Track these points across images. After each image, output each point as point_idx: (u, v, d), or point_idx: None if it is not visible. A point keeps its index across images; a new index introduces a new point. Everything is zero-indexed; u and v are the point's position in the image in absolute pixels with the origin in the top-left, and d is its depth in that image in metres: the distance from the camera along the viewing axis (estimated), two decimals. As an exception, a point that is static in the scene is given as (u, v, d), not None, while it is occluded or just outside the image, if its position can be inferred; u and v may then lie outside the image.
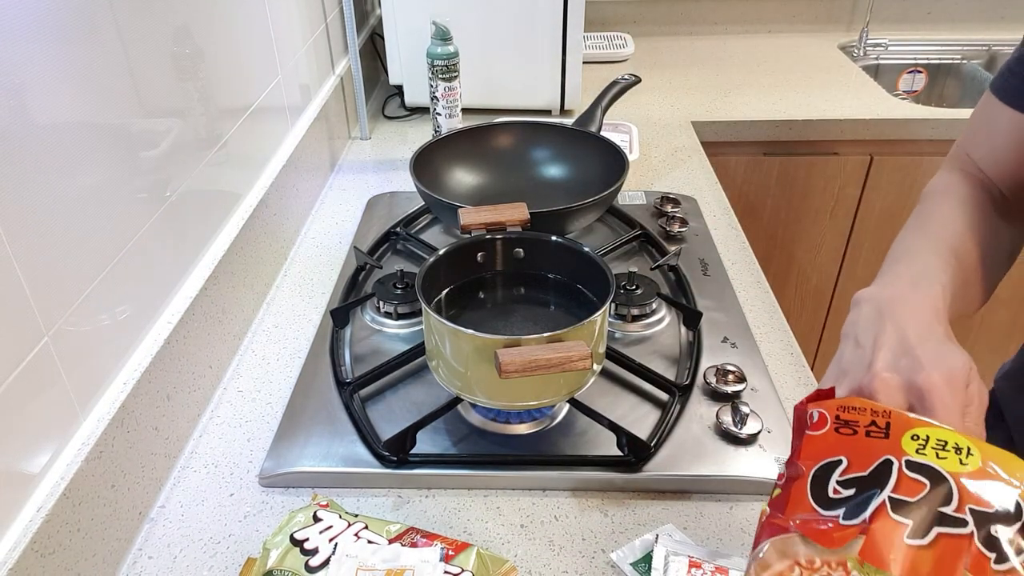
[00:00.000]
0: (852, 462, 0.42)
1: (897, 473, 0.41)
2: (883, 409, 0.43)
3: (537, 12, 1.35)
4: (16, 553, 0.52)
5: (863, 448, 0.42)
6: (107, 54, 0.65)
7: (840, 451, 0.43)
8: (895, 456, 0.41)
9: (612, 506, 0.69)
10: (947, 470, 0.40)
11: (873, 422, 0.43)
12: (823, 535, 0.40)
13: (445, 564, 0.56)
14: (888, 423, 0.43)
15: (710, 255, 1.03)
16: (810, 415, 0.46)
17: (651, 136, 1.41)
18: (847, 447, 0.43)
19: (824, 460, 0.43)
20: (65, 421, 0.60)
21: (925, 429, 0.42)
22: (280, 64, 1.06)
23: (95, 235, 0.64)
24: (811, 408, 0.46)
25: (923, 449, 0.41)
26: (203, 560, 0.65)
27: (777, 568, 0.40)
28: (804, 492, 0.42)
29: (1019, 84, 0.61)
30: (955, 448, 0.41)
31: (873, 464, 0.41)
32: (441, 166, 1.10)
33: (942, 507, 0.39)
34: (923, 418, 0.43)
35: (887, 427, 0.43)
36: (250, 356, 0.88)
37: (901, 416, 0.43)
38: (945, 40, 1.90)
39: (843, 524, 0.40)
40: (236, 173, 0.93)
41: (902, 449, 0.41)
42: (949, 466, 0.40)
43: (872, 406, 0.44)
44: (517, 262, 0.83)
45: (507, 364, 0.61)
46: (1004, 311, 1.72)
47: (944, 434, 0.42)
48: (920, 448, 0.41)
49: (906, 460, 0.41)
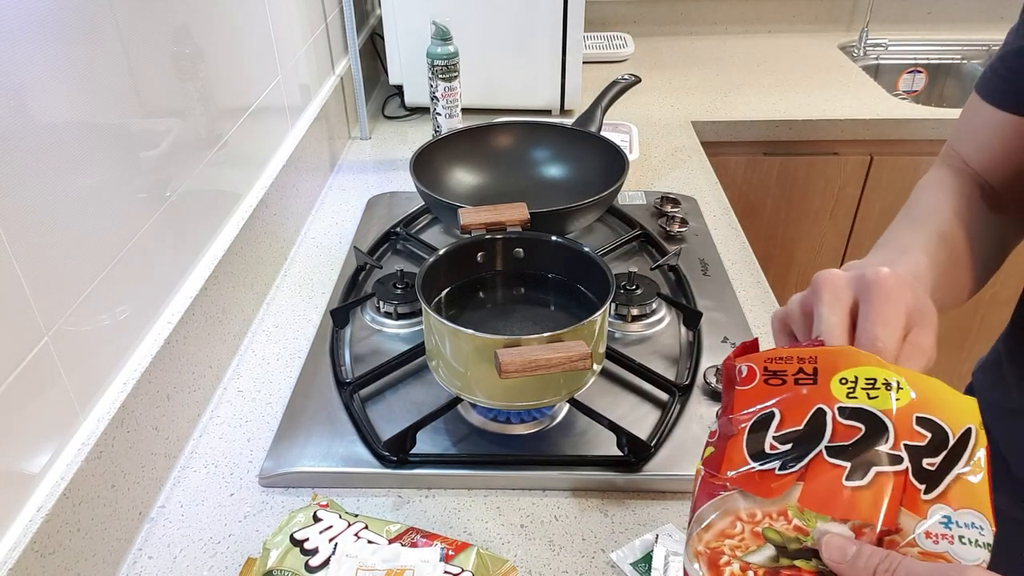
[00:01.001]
0: (785, 415, 0.42)
1: (832, 423, 0.40)
2: (809, 354, 0.43)
3: (537, 12, 1.35)
4: (16, 553, 0.52)
5: (794, 398, 0.42)
6: (107, 54, 0.65)
7: (772, 403, 0.43)
8: (827, 404, 0.41)
9: (612, 506, 0.69)
10: (880, 409, 0.40)
11: (800, 369, 0.43)
12: (761, 486, 0.40)
13: (445, 564, 0.56)
14: (815, 368, 0.42)
15: (710, 255, 1.03)
16: (738, 370, 0.45)
17: (651, 136, 1.41)
18: (778, 398, 0.43)
19: (757, 415, 0.43)
20: (65, 421, 0.60)
21: (852, 370, 0.41)
22: (280, 64, 1.06)
23: (95, 235, 0.64)
24: (739, 363, 0.45)
25: (853, 392, 0.41)
26: (203, 560, 0.65)
27: (719, 527, 0.40)
28: (740, 448, 0.42)
29: (1000, 83, 0.62)
30: (885, 385, 0.41)
31: (806, 416, 0.41)
32: (441, 166, 1.10)
33: (879, 447, 0.39)
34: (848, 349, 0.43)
35: (814, 372, 0.42)
36: (250, 356, 0.88)
37: (827, 358, 0.42)
38: (945, 40, 1.90)
39: (780, 473, 0.40)
40: (236, 173, 0.93)
41: (832, 395, 0.41)
42: (881, 404, 0.40)
43: (798, 353, 0.43)
44: (517, 262, 0.83)
45: (507, 364, 0.61)
46: (1005, 309, 1.72)
47: (871, 371, 0.41)
48: (850, 392, 0.41)
49: (838, 407, 0.41)
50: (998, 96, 0.62)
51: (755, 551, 0.39)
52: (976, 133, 0.65)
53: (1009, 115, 0.61)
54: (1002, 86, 0.62)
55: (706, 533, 0.40)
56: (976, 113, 0.64)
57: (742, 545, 0.39)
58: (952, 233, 0.59)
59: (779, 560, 0.38)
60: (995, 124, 0.62)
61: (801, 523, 0.38)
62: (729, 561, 0.39)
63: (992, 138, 0.63)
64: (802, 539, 0.38)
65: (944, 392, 0.41)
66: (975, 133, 0.65)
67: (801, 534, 0.38)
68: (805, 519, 0.38)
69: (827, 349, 0.43)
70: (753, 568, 0.38)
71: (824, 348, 0.44)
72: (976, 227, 0.61)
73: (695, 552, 0.40)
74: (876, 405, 0.40)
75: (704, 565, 0.39)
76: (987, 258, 0.63)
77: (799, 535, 0.38)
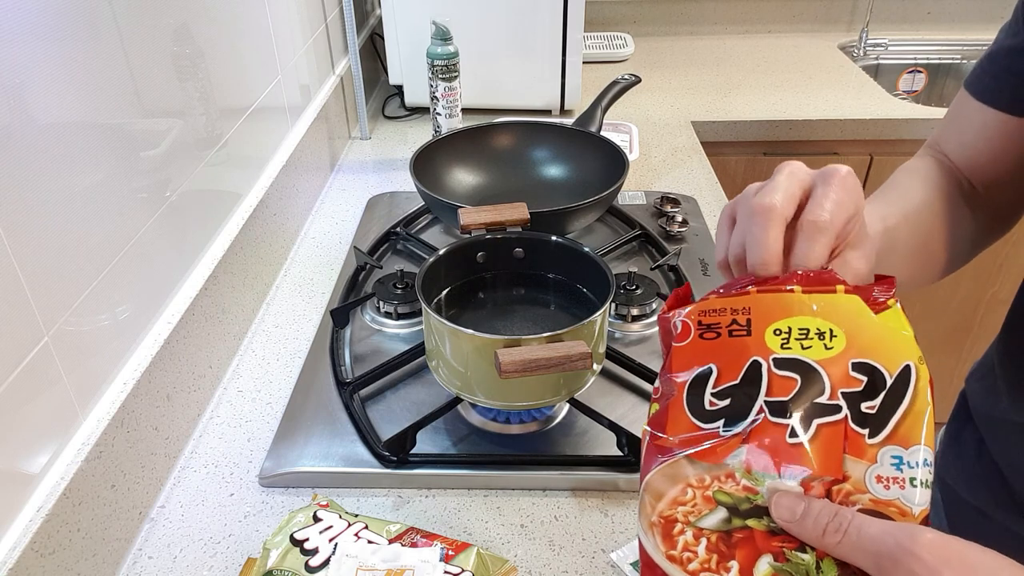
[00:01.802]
0: (722, 369, 0.42)
1: (767, 375, 0.40)
2: (742, 306, 0.43)
3: (537, 12, 1.35)
4: (16, 553, 0.52)
5: (730, 350, 0.42)
6: (107, 54, 0.65)
7: (708, 358, 0.42)
8: (762, 356, 0.41)
9: (612, 506, 0.69)
10: (814, 359, 0.40)
11: (734, 320, 0.42)
12: (707, 453, 0.40)
13: (445, 564, 0.56)
14: (748, 320, 0.42)
15: (710, 255, 1.03)
16: (673, 325, 0.45)
17: (651, 136, 1.41)
18: (714, 353, 0.42)
19: (695, 371, 0.43)
20: (65, 421, 0.60)
21: (785, 320, 0.41)
22: (280, 64, 1.06)
23: (95, 235, 0.64)
24: (674, 317, 0.45)
25: (787, 343, 0.41)
26: (203, 560, 0.65)
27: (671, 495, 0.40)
28: (681, 408, 0.42)
29: (989, 80, 0.62)
30: (818, 334, 0.41)
31: (742, 369, 0.41)
32: (441, 166, 1.10)
33: (817, 399, 0.39)
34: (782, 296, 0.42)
35: (748, 324, 0.42)
36: (250, 356, 0.88)
37: (760, 308, 0.42)
38: (945, 40, 1.90)
39: (724, 436, 0.40)
40: (236, 173, 0.93)
41: (767, 347, 0.41)
42: (815, 354, 0.40)
43: (731, 304, 0.43)
44: (517, 262, 0.83)
45: (507, 364, 0.61)
46: (1005, 310, 1.72)
47: (804, 321, 0.41)
48: (784, 343, 0.41)
49: (773, 359, 0.41)
50: (988, 94, 0.61)
51: (707, 515, 0.39)
52: (962, 130, 0.64)
53: (997, 113, 0.61)
54: (992, 84, 0.61)
55: (659, 502, 0.40)
56: (962, 110, 0.64)
57: (694, 511, 0.39)
58: (917, 217, 0.59)
59: (731, 522, 0.38)
60: (982, 121, 0.62)
61: (750, 483, 0.39)
62: (683, 529, 0.39)
63: (978, 135, 0.63)
64: (752, 498, 0.38)
65: (880, 331, 0.41)
66: (961, 130, 0.64)
67: (751, 493, 0.38)
68: (753, 479, 0.39)
69: (760, 298, 0.43)
70: (706, 534, 0.38)
71: (757, 296, 0.43)
72: (944, 219, 0.61)
73: (649, 524, 0.40)
74: (810, 355, 0.40)
75: (659, 536, 0.39)
76: (951, 252, 0.62)
77: (749, 495, 0.38)
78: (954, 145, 0.65)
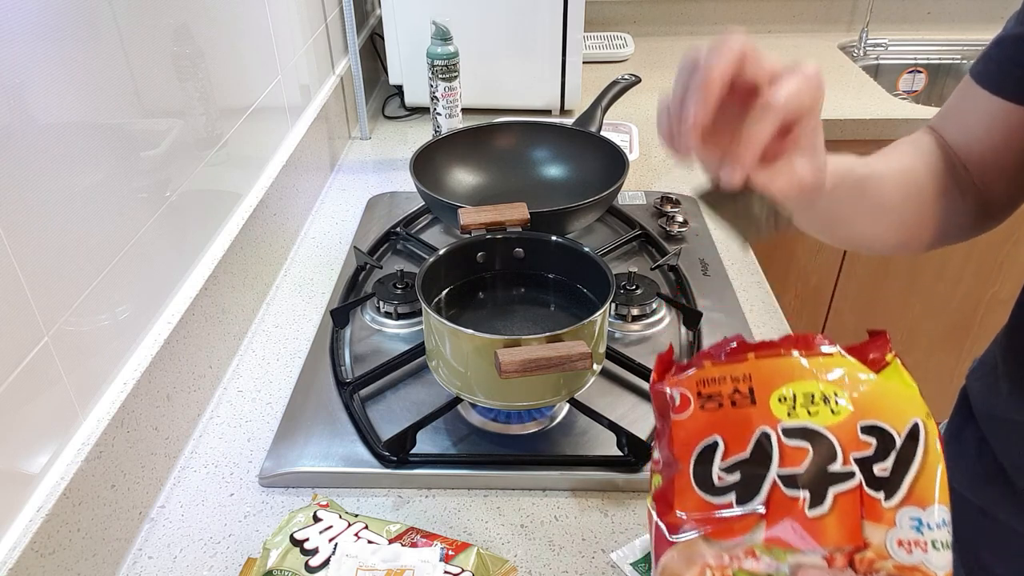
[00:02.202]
0: (728, 441, 0.41)
1: (777, 445, 0.39)
2: (742, 373, 0.42)
3: (537, 12, 1.35)
4: (16, 553, 0.52)
5: (734, 421, 0.41)
6: (107, 54, 0.65)
7: (712, 429, 0.41)
8: (769, 426, 0.40)
9: (612, 506, 0.69)
10: (823, 425, 0.39)
11: (736, 389, 0.41)
12: (723, 531, 0.39)
13: (445, 564, 0.56)
14: (751, 388, 0.41)
15: (710, 255, 1.03)
16: (670, 397, 0.43)
17: (651, 136, 1.41)
18: (718, 424, 0.41)
19: (699, 445, 0.41)
20: (65, 421, 0.60)
21: (789, 386, 0.40)
22: (280, 64, 1.06)
23: (95, 235, 0.64)
24: (669, 389, 0.44)
25: (794, 410, 0.40)
26: (203, 560, 0.65)
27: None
28: (689, 483, 0.41)
29: (995, 68, 0.61)
30: (823, 399, 0.40)
31: (751, 441, 0.40)
32: (441, 166, 1.10)
33: (829, 466, 0.39)
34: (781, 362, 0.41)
35: (751, 392, 0.41)
36: (250, 356, 0.88)
37: (760, 373, 0.41)
38: (945, 40, 1.90)
39: (739, 512, 0.39)
40: (236, 173, 0.93)
41: (773, 415, 0.40)
42: (823, 420, 0.40)
43: (730, 372, 0.42)
44: (517, 262, 0.83)
45: (507, 364, 0.61)
46: (1005, 309, 1.72)
47: (808, 387, 0.40)
48: (791, 410, 0.40)
49: (782, 428, 0.40)
50: (993, 82, 0.61)
51: None
52: (963, 116, 0.64)
53: (1001, 101, 0.60)
54: (995, 70, 0.61)
55: None
56: (966, 97, 0.64)
57: None
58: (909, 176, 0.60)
59: None
60: (985, 109, 0.62)
61: (772, 560, 0.38)
62: None
63: (979, 123, 0.62)
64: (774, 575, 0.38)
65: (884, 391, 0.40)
66: (962, 116, 0.64)
67: (773, 571, 0.38)
68: (773, 555, 0.38)
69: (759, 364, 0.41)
70: None
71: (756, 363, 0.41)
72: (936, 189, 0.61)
73: None
74: (818, 421, 0.39)
75: None
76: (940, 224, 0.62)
77: (771, 572, 0.38)
78: (954, 131, 0.65)
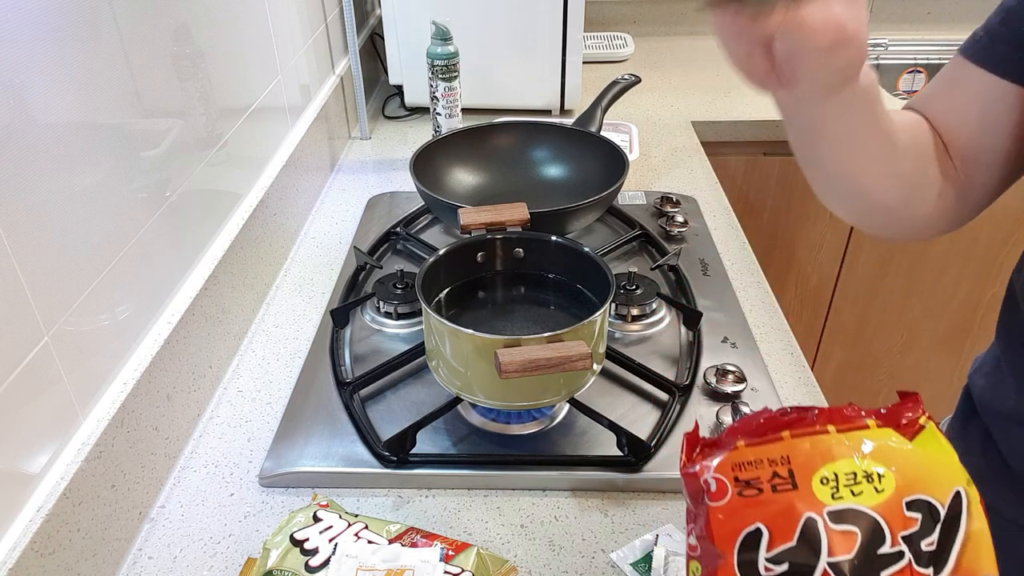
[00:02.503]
0: (773, 530, 0.39)
1: (825, 532, 0.38)
2: (780, 455, 0.40)
3: (537, 12, 1.35)
4: (16, 553, 0.52)
5: (777, 508, 0.39)
6: (107, 54, 0.65)
7: (754, 517, 0.39)
8: (815, 511, 0.38)
9: (612, 506, 0.69)
10: (869, 506, 0.38)
11: (775, 473, 0.40)
12: None
13: (445, 564, 0.56)
14: (790, 470, 0.40)
15: (710, 255, 1.03)
16: (706, 483, 0.41)
17: (651, 136, 1.41)
18: (760, 511, 0.39)
19: (742, 533, 0.39)
20: (65, 421, 0.60)
21: (830, 466, 0.39)
22: (280, 64, 1.06)
23: (95, 235, 0.64)
24: (704, 474, 0.42)
25: (837, 492, 0.39)
26: (203, 560, 0.65)
27: None
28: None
29: (989, 43, 0.59)
30: (866, 477, 0.39)
31: (796, 528, 0.38)
32: (441, 166, 1.10)
33: (879, 549, 0.37)
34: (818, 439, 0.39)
35: (791, 475, 0.39)
36: (250, 356, 0.88)
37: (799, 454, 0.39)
38: (945, 40, 1.90)
39: None
40: (236, 173, 0.93)
41: (817, 499, 0.39)
42: (868, 500, 0.38)
43: (767, 454, 0.40)
44: (517, 262, 0.83)
45: (507, 364, 0.61)
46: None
47: (849, 466, 0.39)
48: (835, 492, 0.39)
49: (827, 512, 0.38)
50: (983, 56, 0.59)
51: None
52: (951, 95, 0.62)
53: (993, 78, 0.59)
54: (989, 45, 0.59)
55: None
56: (956, 75, 0.62)
57: None
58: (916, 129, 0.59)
59: None
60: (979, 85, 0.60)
61: None
62: None
63: (970, 98, 0.60)
64: None
65: (923, 460, 0.39)
66: (950, 95, 0.62)
67: None
68: None
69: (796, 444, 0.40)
70: None
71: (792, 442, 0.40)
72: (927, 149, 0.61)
73: None
74: (863, 502, 0.38)
75: None
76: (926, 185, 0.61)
77: None
78: (942, 113, 0.63)
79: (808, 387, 0.83)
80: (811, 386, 0.83)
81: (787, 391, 0.81)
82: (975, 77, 0.60)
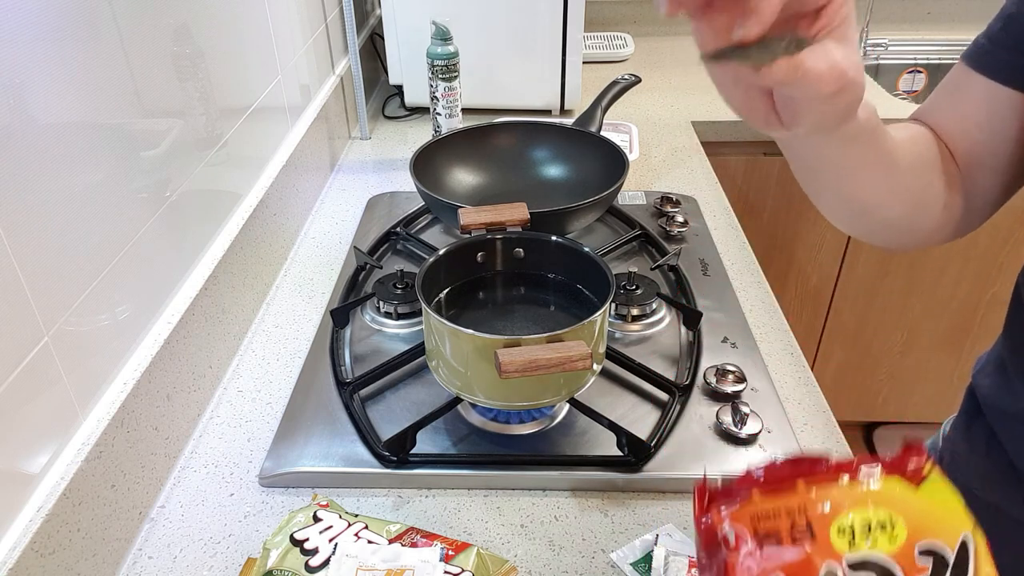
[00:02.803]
0: None
1: None
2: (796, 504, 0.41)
3: (537, 12, 1.35)
4: (16, 553, 0.52)
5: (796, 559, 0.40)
6: (107, 54, 0.65)
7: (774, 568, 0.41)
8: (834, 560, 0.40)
9: (612, 506, 0.69)
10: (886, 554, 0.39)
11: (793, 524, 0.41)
12: None
13: (445, 564, 0.56)
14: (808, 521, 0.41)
15: (710, 255, 1.03)
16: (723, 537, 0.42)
17: (651, 136, 1.41)
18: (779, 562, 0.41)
19: None
20: (65, 421, 0.60)
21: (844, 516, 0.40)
22: (280, 64, 1.06)
23: (95, 235, 0.64)
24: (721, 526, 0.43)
25: (854, 541, 0.40)
26: (203, 560, 0.65)
27: None
28: None
29: (991, 49, 0.60)
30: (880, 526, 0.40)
31: None
32: (441, 166, 1.10)
33: None
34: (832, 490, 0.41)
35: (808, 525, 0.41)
36: (250, 356, 0.88)
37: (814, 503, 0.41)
38: (945, 40, 1.90)
39: None
40: (236, 173, 0.93)
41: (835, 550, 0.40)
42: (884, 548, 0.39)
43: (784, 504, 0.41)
44: (517, 262, 0.83)
45: (507, 364, 0.61)
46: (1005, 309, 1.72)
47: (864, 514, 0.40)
48: (851, 541, 0.40)
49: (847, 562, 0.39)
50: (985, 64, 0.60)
51: None
52: (956, 103, 0.62)
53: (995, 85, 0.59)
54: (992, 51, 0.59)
55: None
56: (959, 83, 0.62)
57: None
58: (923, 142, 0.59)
59: None
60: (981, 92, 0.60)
61: None
62: None
63: (974, 106, 0.61)
64: None
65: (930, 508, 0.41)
66: (955, 103, 0.63)
67: None
68: None
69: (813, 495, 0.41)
70: None
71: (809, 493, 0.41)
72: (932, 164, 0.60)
73: None
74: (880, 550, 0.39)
75: None
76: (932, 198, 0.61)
77: None
78: (947, 120, 0.63)
79: (808, 387, 0.83)
80: (811, 386, 0.83)
81: (787, 391, 0.81)
82: (977, 84, 0.60)
